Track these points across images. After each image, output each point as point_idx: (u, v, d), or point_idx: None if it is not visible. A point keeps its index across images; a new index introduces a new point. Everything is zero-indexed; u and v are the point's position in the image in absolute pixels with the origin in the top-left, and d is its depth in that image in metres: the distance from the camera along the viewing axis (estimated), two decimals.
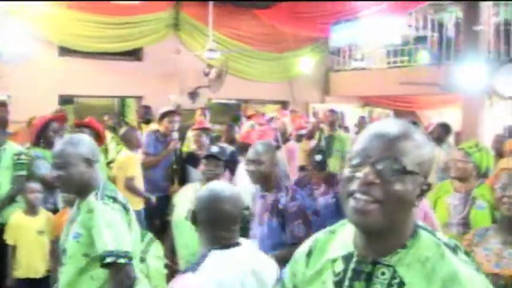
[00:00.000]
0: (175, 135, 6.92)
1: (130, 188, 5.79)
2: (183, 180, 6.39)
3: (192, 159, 6.34)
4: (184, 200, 4.02)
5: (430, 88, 11.29)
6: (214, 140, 8.46)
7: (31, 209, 4.67)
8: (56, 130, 5.58)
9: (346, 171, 1.40)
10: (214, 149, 4.23)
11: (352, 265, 1.45)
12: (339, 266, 1.48)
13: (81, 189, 2.68)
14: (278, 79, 12.54)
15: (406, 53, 12.46)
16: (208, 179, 3.88)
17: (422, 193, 1.38)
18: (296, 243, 3.29)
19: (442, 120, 10.47)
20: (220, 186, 2.30)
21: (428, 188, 1.40)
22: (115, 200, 2.63)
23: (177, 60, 10.60)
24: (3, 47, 8.40)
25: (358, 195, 1.35)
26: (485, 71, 10.15)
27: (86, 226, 2.58)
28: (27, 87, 8.78)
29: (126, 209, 2.66)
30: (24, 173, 5.15)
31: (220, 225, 2.18)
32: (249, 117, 9.94)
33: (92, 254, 2.56)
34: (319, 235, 1.62)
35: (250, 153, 3.61)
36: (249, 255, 2.20)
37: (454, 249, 1.40)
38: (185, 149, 7.67)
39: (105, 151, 7.45)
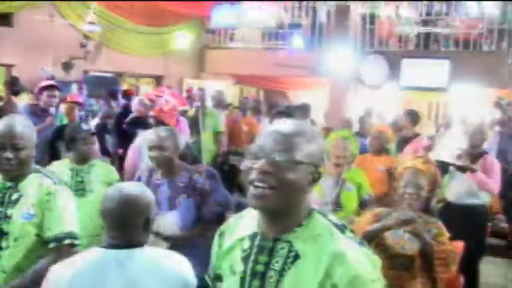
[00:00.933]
0: (53, 110, 6.74)
1: None
2: (54, 155, 6.16)
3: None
4: None
5: (302, 71, 11.90)
6: (90, 115, 8.39)
7: None
8: None
9: (248, 163, 1.63)
10: (86, 126, 4.31)
11: (256, 242, 1.69)
12: (246, 244, 1.72)
13: (26, 170, 2.73)
14: (154, 53, 12.49)
15: (281, 37, 12.94)
16: (85, 156, 4.05)
17: (314, 180, 1.62)
18: (213, 216, 3.68)
19: (310, 100, 11.19)
20: (122, 187, 2.23)
21: (319, 176, 1.64)
22: (66, 185, 2.82)
23: (51, 29, 10.19)
24: None
25: (256, 183, 1.59)
26: (352, 60, 10.93)
27: (42, 207, 2.64)
28: None
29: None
30: None
31: (110, 224, 2.15)
32: (126, 93, 9.88)
33: (43, 233, 2.63)
34: (231, 219, 1.89)
35: (153, 139, 3.67)
36: (134, 262, 2.09)
37: (342, 229, 1.66)
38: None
39: None
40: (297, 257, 1.61)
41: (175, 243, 3.44)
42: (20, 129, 2.68)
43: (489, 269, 5.41)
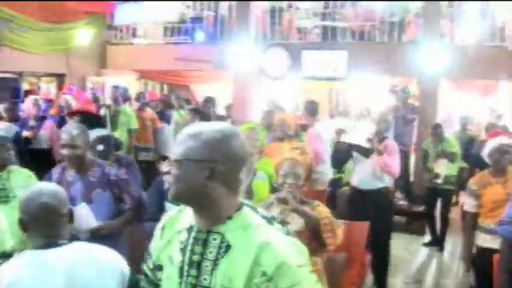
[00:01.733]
0: None
1: None
2: None
3: None
4: None
5: (204, 65, 12.05)
6: None
7: None
8: None
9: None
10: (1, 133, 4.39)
11: (193, 234, 1.83)
12: (183, 236, 1.86)
13: None
14: (55, 51, 12.11)
15: (183, 32, 13.01)
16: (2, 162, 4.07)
17: (213, 174, 1.74)
18: (136, 203, 3.85)
19: (214, 94, 11.42)
20: (40, 185, 2.33)
21: (222, 171, 1.75)
22: None
23: None
24: None
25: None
26: (254, 52, 11.22)
27: None
28: None
29: None
30: None
31: (38, 224, 2.16)
32: (28, 92, 9.64)
33: None
34: (171, 213, 2.04)
35: (65, 138, 3.71)
36: (69, 257, 2.13)
37: (270, 220, 1.83)
38: None
39: None
40: (228, 247, 1.76)
41: (93, 236, 3.50)
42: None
43: (391, 243, 5.87)
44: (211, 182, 1.75)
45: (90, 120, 5.18)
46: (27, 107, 8.38)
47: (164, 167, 1.58)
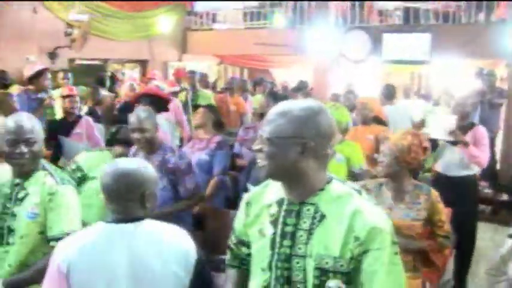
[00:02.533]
0: (48, 93, 6.81)
1: None
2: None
3: (62, 127, 6.23)
4: None
5: (284, 49, 12.02)
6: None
7: None
8: None
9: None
10: None
11: (284, 207, 1.92)
12: (274, 209, 1.95)
13: (37, 165, 2.86)
14: (138, 38, 12.51)
15: (263, 16, 13.03)
16: None
17: (304, 149, 1.83)
18: (190, 195, 3.89)
19: (293, 78, 11.36)
20: (121, 161, 2.29)
21: (312, 148, 1.83)
22: (69, 182, 2.87)
23: (34, 20, 10.18)
24: None
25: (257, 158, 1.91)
26: (334, 36, 11.08)
27: (44, 207, 2.75)
28: None
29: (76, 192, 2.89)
30: None
31: (107, 198, 2.19)
32: (112, 78, 9.97)
33: (46, 232, 2.75)
34: (256, 189, 2.12)
35: (133, 122, 3.82)
36: (135, 235, 2.14)
37: (359, 192, 1.91)
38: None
39: None
40: (323, 216, 1.85)
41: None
42: (30, 123, 2.79)
43: (477, 233, 5.67)
44: (303, 158, 1.83)
45: (157, 104, 5.20)
46: (124, 92, 8.70)
47: (255, 145, 1.62)
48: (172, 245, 2.17)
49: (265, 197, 2.03)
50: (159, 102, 5.40)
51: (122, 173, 2.16)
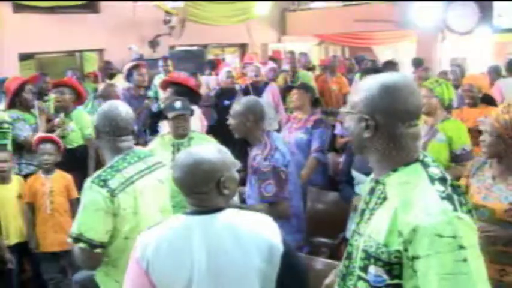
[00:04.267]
0: (152, 93, 6.94)
1: None
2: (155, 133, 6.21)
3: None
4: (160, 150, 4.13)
5: (386, 25, 11.55)
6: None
7: (2, 178, 4.43)
8: (33, 91, 5.40)
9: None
10: (178, 105, 4.18)
11: (371, 183, 1.87)
12: (368, 185, 1.91)
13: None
14: (235, 22, 12.54)
15: None
16: (180, 134, 4.18)
17: (368, 127, 1.74)
18: (264, 202, 3.42)
19: (396, 55, 10.86)
20: (197, 149, 2.14)
21: (367, 122, 1.74)
22: (104, 183, 2.63)
23: (135, 10, 10.47)
24: None
25: None
26: (438, 7, 10.46)
27: None
28: None
29: (112, 195, 2.61)
30: (5, 142, 5.04)
31: (183, 192, 2.09)
32: (211, 63, 10.02)
33: None
34: None
35: (233, 108, 3.61)
36: (215, 226, 2.03)
37: (433, 180, 1.67)
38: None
39: None
40: (384, 199, 1.74)
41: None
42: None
43: None
44: (369, 135, 1.75)
45: (184, 94, 4.96)
46: (221, 79, 8.73)
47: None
48: (254, 236, 2.02)
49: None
50: (186, 91, 5.17)
51: (192, 165, 2.03)
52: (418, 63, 9.81)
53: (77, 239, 2.58)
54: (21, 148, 5.09)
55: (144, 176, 2.77)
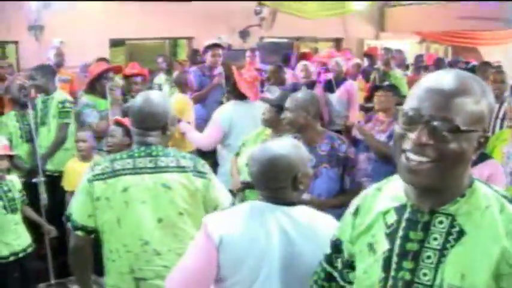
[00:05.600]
0: (220, 69, 6.78)
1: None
2: None
3: None
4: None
5: (493, 23, 10.76)
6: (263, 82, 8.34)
7: (83, 157, 4.65)
8: (110, 79, 5.45)
9: (398, 128, 1.37)
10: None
11: (406, 215, 1.42)
12: (392, 217, 1.46)
13: None
14: (331, 15, 12.13)
15: None
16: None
17: (480, 146, 1.34)
18: (357, 189, 3.18)
19: (506, 57, 10.02)
20: (272, 144, 2.16)
21: (486, 140, 1.35)
22: (93, 167, 2.56)
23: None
24: None
25: (411, 155, 1.32)
26: None
27: None
28: (79, 33, 8.82)
29: (89, 180, 2.50)
30: (68, 120, 5.16)
31: (258, 185, 2.12)
32: (302, 56, 9.72)
33: None
34: (367, 193, 1.62)
35: (289, 101, 3.45)
36: (288, 218, 2.03)
37: (510, 201, 1.36)
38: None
39: None
40: (461, 233, 1.34)
41: None
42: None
43: None
44: (475, 155, 1.36)
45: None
46: (298, 72, 8.45)
47: (419, 138, 1.33)
48: (326, 232, 1.93)
49: (380, 201, 1.53)
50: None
51: (270, 160, 2.06)
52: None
53: (67, 217, 2.55)
54: None
55: (141, 174, 2.50)
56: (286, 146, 2.11)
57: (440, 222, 1.36)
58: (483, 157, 3.14)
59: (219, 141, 4.68)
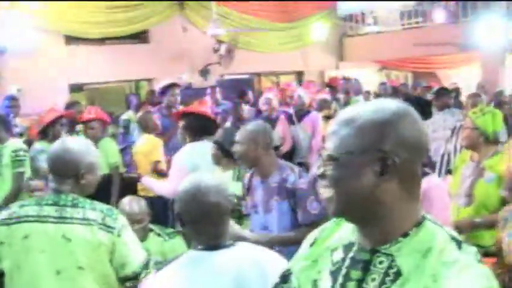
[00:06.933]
0: (179, 107, 6.73)
1: (159, 171, 5.57)
2: None
3: None
4: None
5: (448, 47, 11.00)
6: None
7: None
8: (64, 125, 5.44)
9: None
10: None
11: (351, 254, 1.37)
12: (339, 255, 1.40)
13: None
14: (290, 49, 12.29)
15: (421, 14, 12.08)
16: None
17: (383, 173, 1.25)
18: (313, 221, 3.15)
19: (463, 79, 10.24)
20: (200, 178, 2.02)
21: (392, 163, 1.25)
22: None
23: (185, 39, 10.41)
24: (8, 41, 8.40)
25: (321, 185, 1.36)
26: (504, 26, 9.83)
27: None
28: (37, 79, 8.75)
29: (7, 224, 2.42)
30: (22, 170, 5.05)
31: (199, 224, 1.97)
32: (260, 93, 9.81)
33: None
34: (326, 225, 1.55)
35: (238, 134, 3.35)
36: (237, 260, 1.92)
37: (459, 243, 1.28)
38: None
39: (121, 136, 7.48)
40: (398, 275, 1.27)
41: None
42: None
43: None
44: (384, 180, 1.26)
45: (200, 124, 4.57)
46: (260, 106, 8.49)
47: (318, 168, 1.16)
48: (275, 268, 1.81)
49: (335, 236, 1.47)
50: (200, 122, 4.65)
51: (213, 194, 1.94)
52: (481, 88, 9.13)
53: None
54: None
55: (44, 223, 2.40)
56: (215, 178, 2.08)
57: (381, 263, 1.31)
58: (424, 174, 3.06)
59: None
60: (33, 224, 2.39)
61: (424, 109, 4.59)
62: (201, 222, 1.94)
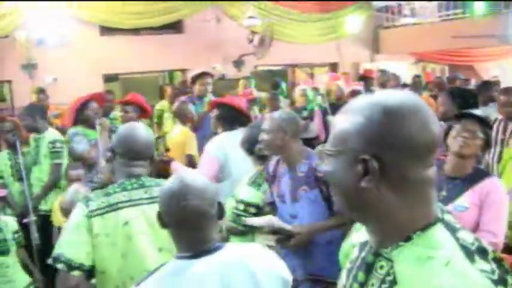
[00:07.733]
0: (211, 97, 6.68)
1: (192, 165, 5.46)
2: None
3: None
4: None
5: (487, 40, 10.70)
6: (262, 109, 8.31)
7: None
8: (95, 110, 5.35)
9: None
10: None
11: (363, 253, 1.31)
12: (355, 253, 1.36)
13: None
14: (325, 41, 12.14)
15: (460, 5, 11.78)
16: None
17: (367, 172, 1.15)
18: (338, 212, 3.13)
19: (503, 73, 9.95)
20: (184, 179, 1.89)
21: (369, 164, 1.15)
22: (87, 202, 2.43)
23: (219, 30, 10.40)
24: (45, 32, 8.50)
25: None
26: None
27: None
28: (72, 69, 8.87)
29: (89, 216, 2.38)
30: (60, 161, 5.11)
31: (181, 229, 1.86)
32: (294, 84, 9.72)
33: None
34: None
35: (265, 123, 3.31)
36: (222, 266, 1.79)
37: (471, 254, 1.13)
38: None
39: (155, 125, 7.49)
40: (393, 283, 1.16)
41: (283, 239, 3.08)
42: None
43: None
44: (369, 184, 1.15)
45: (233, 115, 4.52)
46: (297, 98, 8.40)
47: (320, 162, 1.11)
48: (265, 269, 1.84)
49: (358, 233, 1.41)
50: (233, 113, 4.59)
51: (195, 198, 1.82)
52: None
53: (56, 258, 2.34)
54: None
55: (139, 206, 2.43)
56: (200, 180, 1.91)
57: (381, 268, 1.22)
58: (482, 175, 2.95)
59: (215, 175, 4.29)
60: (129, 209, 2.43)
61: (469, 101, 4.34)
62: (181, 226, 1.84)
